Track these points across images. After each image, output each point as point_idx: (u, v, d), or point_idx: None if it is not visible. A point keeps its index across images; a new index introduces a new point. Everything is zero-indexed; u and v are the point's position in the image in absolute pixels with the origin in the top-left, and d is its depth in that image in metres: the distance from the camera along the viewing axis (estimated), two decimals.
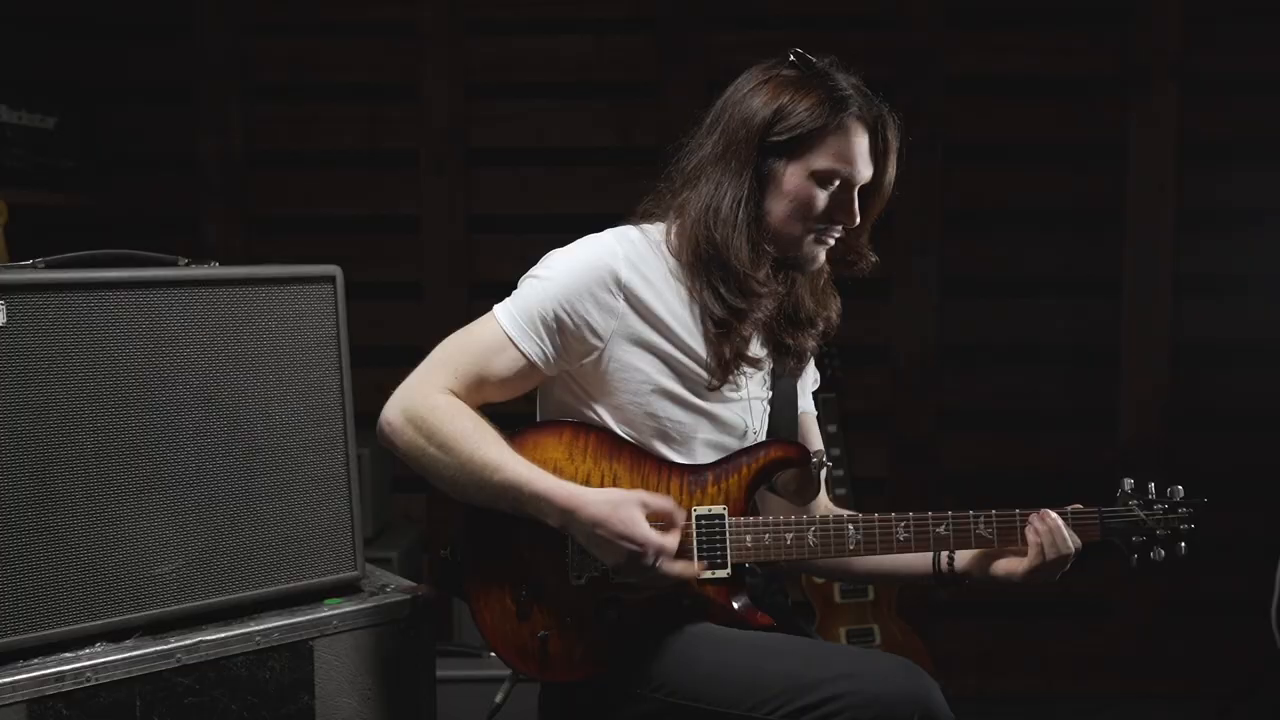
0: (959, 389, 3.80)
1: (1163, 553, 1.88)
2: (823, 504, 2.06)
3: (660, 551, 1.74)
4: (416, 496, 3.64)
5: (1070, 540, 1.84)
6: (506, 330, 1.84)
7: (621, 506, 1.75)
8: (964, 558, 1.95)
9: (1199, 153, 3.68)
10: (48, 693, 1.60)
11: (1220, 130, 3.69)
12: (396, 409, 1.83)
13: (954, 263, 3.76)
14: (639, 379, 1.87)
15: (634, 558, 1.73)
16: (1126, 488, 1.90)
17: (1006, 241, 3.76)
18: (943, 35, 3.70)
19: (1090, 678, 3.80)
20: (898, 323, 3.78)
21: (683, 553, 1.80)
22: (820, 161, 1.84)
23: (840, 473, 3.51)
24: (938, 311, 3.76)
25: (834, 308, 2.02)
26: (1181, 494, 1.89)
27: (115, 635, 1.72)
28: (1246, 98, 3.67)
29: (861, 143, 1.87)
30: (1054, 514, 1.85)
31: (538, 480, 1.78)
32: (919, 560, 1.97)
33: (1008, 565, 1.91)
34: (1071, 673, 3.81)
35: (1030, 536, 1.86)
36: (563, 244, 1.91)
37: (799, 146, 1.84)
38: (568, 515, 1.75)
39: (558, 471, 1.82)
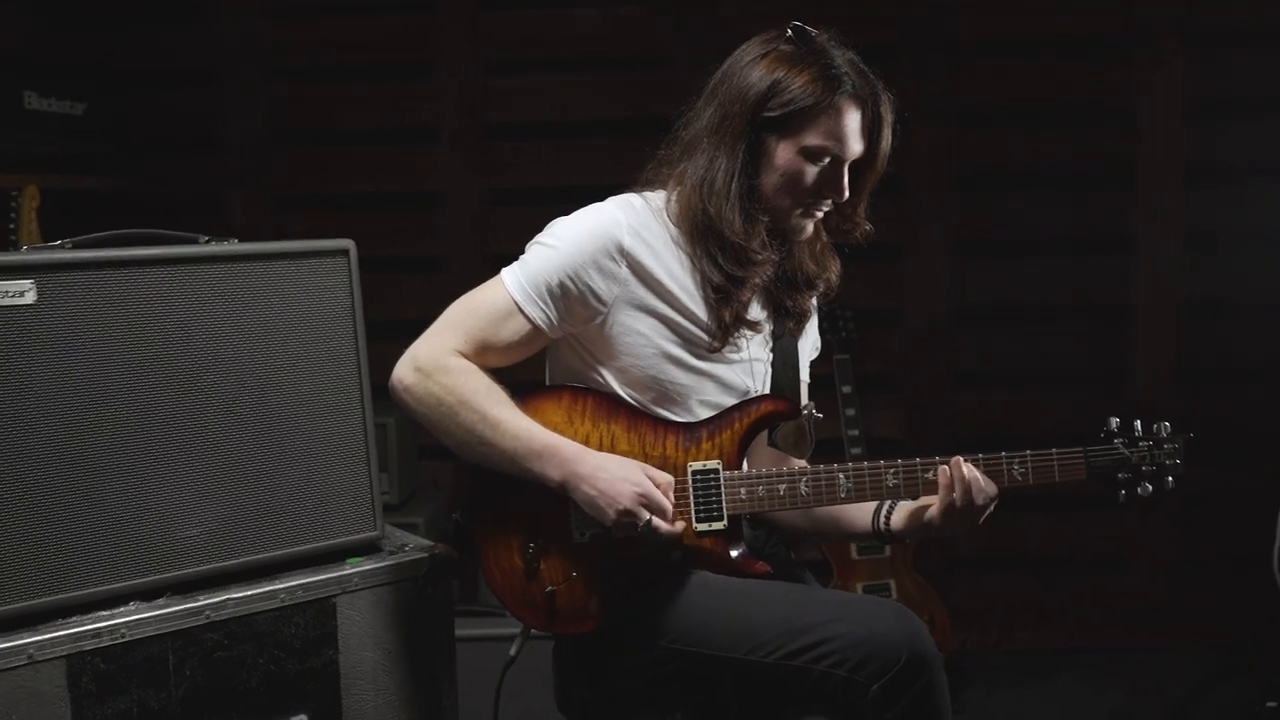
0: (973, 350, 3.82)
1: (1150, 488, 1.89)
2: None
3: (656, 507, 1.81)
4: (443, 464, 3.71)
5: (983, 490, 1.87)
6: (514, 296, 1.90)
7: (626, 463, 1.83)
8: (899, 517, 1.99)
9: (1207, 108, 3.66)
10: (85, 648, 1.68)
11: (1227, 84, 3.65)
12: (409, 368, 1.89)
13: (965, 225, 3.77)
14: (642, 343, 1.92)
15: (638, 501, 1.79)
16: (1112, 426, 1.92)
17: (1017, 203, 3.76)
18: None
19: (1110, 630, 3.82)
20: (911, 286, 3.80)
21: (678, 511, 1.87)
22: (811, 139, 1.87)
23: (855, 433, 3.56)
24: (950, 274, 3.77)
25: (834, 269, 2.06)
26: (1168, 430, 1.91)
27: (148, 594, 1.79)
28: (1253, 51, 3.63)
29: (853, 120, 1.89)
30: (965, 464, 1.89)
31: (546, 436, 1.85)
32: (861, 521, 2.04)
33: (929, 513, 1.94)
34: (1092, 625, 3.83)
35: (941, 479, 1.90)
36: None
37: (791, 123, 1.87)
38: (572, 465, 1.82)
39: (558, 434, 1.88)
